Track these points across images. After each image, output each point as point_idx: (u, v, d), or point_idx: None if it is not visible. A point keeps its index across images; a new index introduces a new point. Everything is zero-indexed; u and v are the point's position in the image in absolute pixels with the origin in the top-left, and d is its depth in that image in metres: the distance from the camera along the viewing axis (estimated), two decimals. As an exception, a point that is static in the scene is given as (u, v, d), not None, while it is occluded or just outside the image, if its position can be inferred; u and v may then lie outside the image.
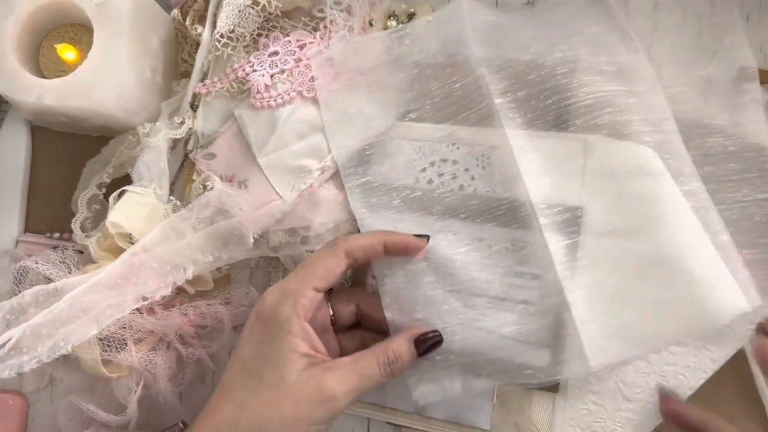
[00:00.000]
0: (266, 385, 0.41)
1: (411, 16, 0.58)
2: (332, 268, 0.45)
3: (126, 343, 0.50)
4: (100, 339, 0.50)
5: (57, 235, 0.59)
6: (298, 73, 0.55)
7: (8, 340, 0.45)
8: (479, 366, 0.48)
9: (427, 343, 0.46)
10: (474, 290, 0.49)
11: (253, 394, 0.41)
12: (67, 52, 0.54)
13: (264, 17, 0.56)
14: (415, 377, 0.48)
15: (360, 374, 0.43)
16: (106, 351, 0.50)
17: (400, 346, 0.45)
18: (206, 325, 0.55)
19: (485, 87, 0.51)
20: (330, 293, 0.49)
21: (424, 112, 0.54)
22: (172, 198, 0.54)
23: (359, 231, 0.55)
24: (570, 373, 0.47)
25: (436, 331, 0.47)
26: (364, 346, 0.47)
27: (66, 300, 0.47)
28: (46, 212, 0.59)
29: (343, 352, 0.48)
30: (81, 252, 0.55)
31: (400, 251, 0.48)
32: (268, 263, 0.57)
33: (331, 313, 0.48)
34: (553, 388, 0.49)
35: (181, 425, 0.50)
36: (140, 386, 0.51)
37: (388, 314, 0.49)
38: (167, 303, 0.53)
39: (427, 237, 0.48)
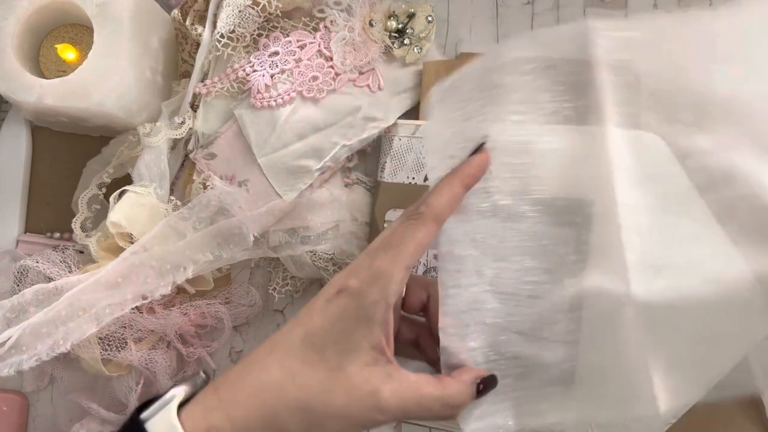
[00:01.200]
0: (325, 366, 0.38)
1: (411, 17, 0.58)
2: (423, 241, 0.41)
3: (126, 342, 0.50)
4: (100, 338, 0.50)
5: (57, 235, 0.59)
6: (299, 73, 0.55)
7: (8, 339, 0.45)
8: (494, 360, 0.48)
9: (488, 388, 0.43)
10: (526, 323, 0.47)
11: (309, 368, 0.39)
12: (67, 52, 0.54)
13: (264, 17, 0.56)
14: (464, 414, 0.45)
15: (419, 402, 0.40)
16: (106, 350, 0.50)
17: (466, 389, 0.42)
18: (206, 324, 0.55)
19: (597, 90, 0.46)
20: None
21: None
22: (172, 198, 0.54)
23: (369, 229, 0.55)
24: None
25: (494, 375, 0.44)
26: (416, 342, 0.45)
27: (66, 299, 0.47)
28: (46, 212, 0.59)
29: (397, 337, 0.45)
30: (81, 252, 0.55)
31: (477, 179, 0.45)
32: (268, 263, 0.57)
33: (404, 293, 0.46)
34: (568, 382, 0.47)
35: (203, 375, 0.48)
36: (140, 385, 0.52)
37: (444, 339, 0.46)
38: (167, 302, 0.53)
39: (482, 144, 0.45)
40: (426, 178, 0.54)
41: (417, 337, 0.47)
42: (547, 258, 0.49)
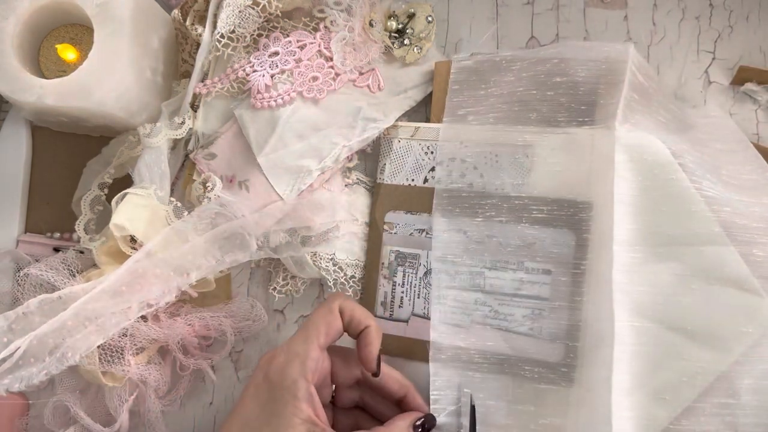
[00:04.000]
0: None
1: (411, 17, 0.58)
2: (332, 323, 0.46)
3: (123, 353, 0.50)
4: (100, 347, 0.50)
5: (57, 235, 0.59)
6: (299, 74, 0.55)
7: (16, 350, 0.45)
8: (497, 365, 0.49)
9: (426, 427, 0.47)
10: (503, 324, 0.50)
11: None
12: (67, 52, 0.54)
13: (264, 18, 0.56)
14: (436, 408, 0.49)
15: None
16: (107, 361, 0.50)
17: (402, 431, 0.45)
18: (210, 336, 0.55)
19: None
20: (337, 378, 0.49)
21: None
22: (172, 199, 0.54)
23: (369, 230, 0.55)
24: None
25: (429, 413, 0.48)
26: (358, 427, 0.48)
27: (72, 309, 0.47)
28: (46, 212, 0.59)
29: (335, 428, 0.49)
30: (82, 252, 0.55)
31: (362, 344, 0.47)
32: (268, 263, 0.57)
33: (333, 394, 0.49)
34: (567, 383, 0.49)
35: None
36: (133, 396, 0.52)
37: (434, 335, 0.50)
38: (173, 312, 0.53)
39: (376, 373, 0.47)
40: (426, 180, 0.54)
41: (354, 425, 0.50)
42: (543, 266, 0.50)
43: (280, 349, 0.45)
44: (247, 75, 0.55)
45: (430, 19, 0.57)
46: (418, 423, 0.46)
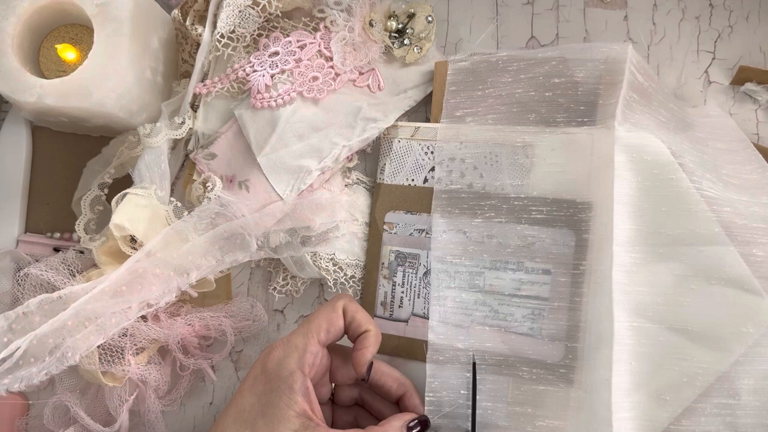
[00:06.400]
0: None
1: (411, 17, 0.58)
2: (334, 321, 0.46)
3: (123, 353, 0.50)
4: (100, 347, 0.50)
5: (57, 235, 0.59)
6: (299, 74, 0.55)
7: (17, 350, 0.45)
8: (495, 366, 0.49)
9: (419, 428, 0.47)
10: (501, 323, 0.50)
11: None
12: (67, 52, 0.54)
13: (264, 18, 0.56)
14: (432, 409, 0.49)
15: None
16: (107, 361, 0.50)
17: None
18: (210, 337, 0.55)
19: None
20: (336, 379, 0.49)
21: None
22: (172, 199, 0.54)
23: (369, 230, 0.55)
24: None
25: (424, 415, 0.48)
26: (356, 424, 0.49)
27: (72, 309, 0.47)
28: (46, 212, 0.59)
29: (334, 425, 0.49)
30: (82, 252, 0.55)
31: (358, 346, 0.47)
32: (268, 263, 0.57)
33: (332, 392, 0.50)
34: (566, 384, 0.49)
35: None
36: (133, 396, 0.52)
37: (432, 337, 0.51)
38: (173, 312, 0.53)
39: (365, 379, 0.47)
40: (426, 180, 0.54)
41: (353, 422, 0.50)
42: (543, 266, 0.50)
43: (280, 342, 0.45)
44: (247, 75, 0.55)
45: (430, 19, 0.57)
46: (412, 424, 0.46)
